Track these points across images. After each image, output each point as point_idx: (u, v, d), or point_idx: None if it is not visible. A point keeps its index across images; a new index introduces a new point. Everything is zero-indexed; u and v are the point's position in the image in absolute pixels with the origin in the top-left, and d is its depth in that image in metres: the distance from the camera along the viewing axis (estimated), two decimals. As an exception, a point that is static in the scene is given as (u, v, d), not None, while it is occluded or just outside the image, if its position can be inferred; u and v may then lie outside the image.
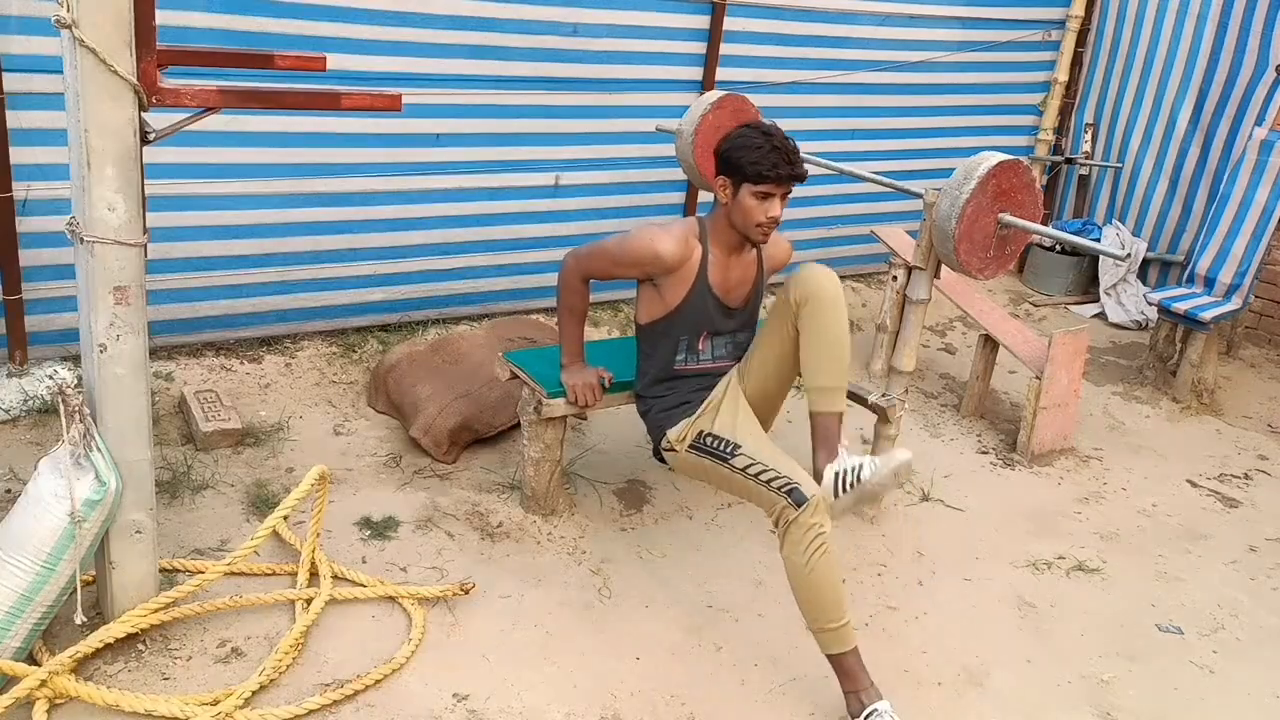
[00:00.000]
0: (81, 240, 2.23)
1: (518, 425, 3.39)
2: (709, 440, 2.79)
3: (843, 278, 5.49)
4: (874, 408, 3.34)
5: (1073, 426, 4.24)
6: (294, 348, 3.97)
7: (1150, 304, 4.92)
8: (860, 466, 2.58)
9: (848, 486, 2.58)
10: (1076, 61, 6.00)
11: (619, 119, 4.48)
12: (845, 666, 2.59)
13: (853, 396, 3.43)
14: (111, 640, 2.40)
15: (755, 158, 2.71)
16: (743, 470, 2.68)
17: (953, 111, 5.63)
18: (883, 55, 5.20)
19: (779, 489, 2.58)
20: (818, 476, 2.64)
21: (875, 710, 2.54)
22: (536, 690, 2.57)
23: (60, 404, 2.25)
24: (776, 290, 2.87)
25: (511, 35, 4.06)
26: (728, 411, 2.81)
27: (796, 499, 2.55)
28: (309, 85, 2.92)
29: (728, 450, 2.73)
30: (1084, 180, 6.13)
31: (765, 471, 2.63)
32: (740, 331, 3.01)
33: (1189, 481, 4.16)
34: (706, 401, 2.86)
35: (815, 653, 2.79)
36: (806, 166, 2.81)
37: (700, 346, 2.94)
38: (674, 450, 2.88)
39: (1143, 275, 5.97)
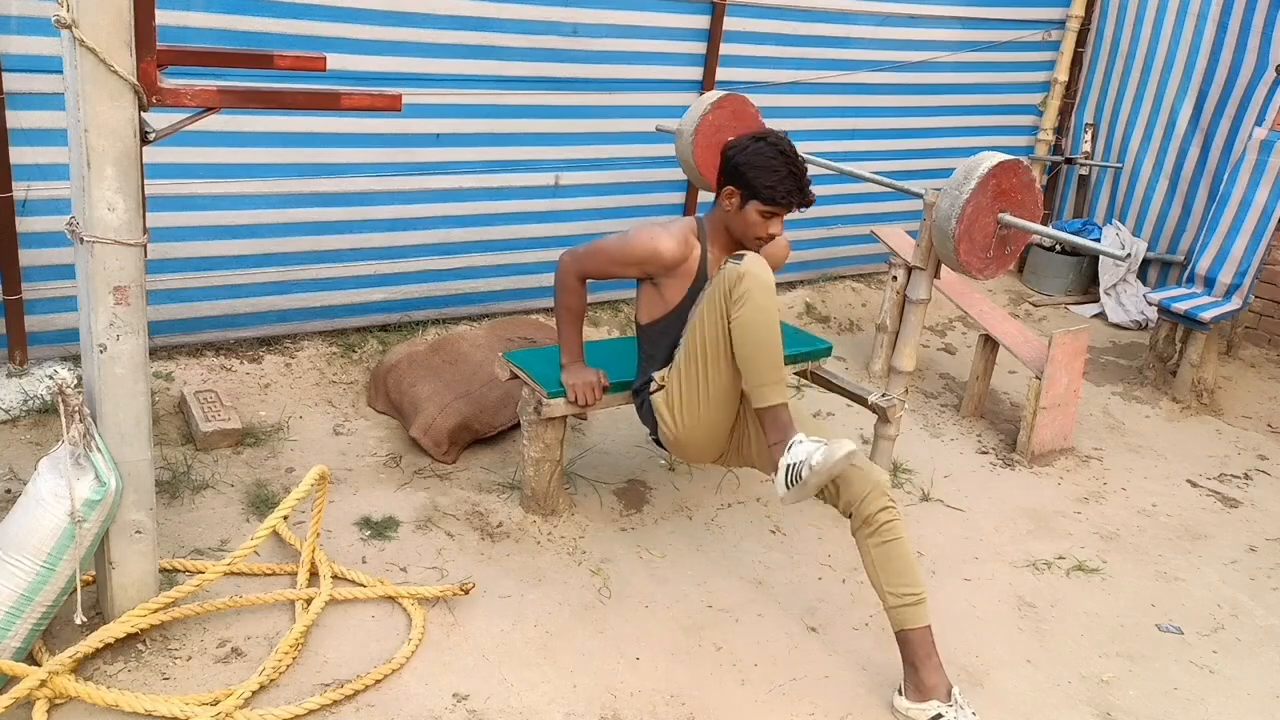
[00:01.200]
0: (81, 240, 2.23)
1: (518, 425, 3.39)
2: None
3: (843, 278, 5.59)
4: (874, 408, 3.34)
5: (1073, 426, 4.24)
6: (294, 348, 3.97)
7: (1150, 304, 4.92)
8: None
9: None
10: (1076, 61, 6.00)
11: (619, 119, 4.48)
12: (776, 419, 2.67)
13: (853, 396, 3.43)
14: (111, 640, 2.40)
15: (771, 181, 2.72)
16: (694, 309, 2.77)
17: (953, 111, 5.64)
18: (883, 55, 5.20)
19: (717, 270, 2.70)
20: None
21: (795, 441, 2.61)
22: (536, 690, 2.57)
23: (60, 404, 2.25)
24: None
25: (511, 35, 4.06)
26: None
27: (736, 258, 2.67)
28: (309, 85, 2.92)
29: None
30: (1084, 180, 6.13)
31: (705, 289, 2.75)
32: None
33: (1189, 481, 4.16)
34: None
35: (815, 653, 2.80)
36: (807, 166, 2.81)
37: None
38: (662, 388, 2.89)
39: (1143, 275, 5.97)
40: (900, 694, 2.64)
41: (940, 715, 2.57)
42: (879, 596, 2.66)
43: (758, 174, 2.73)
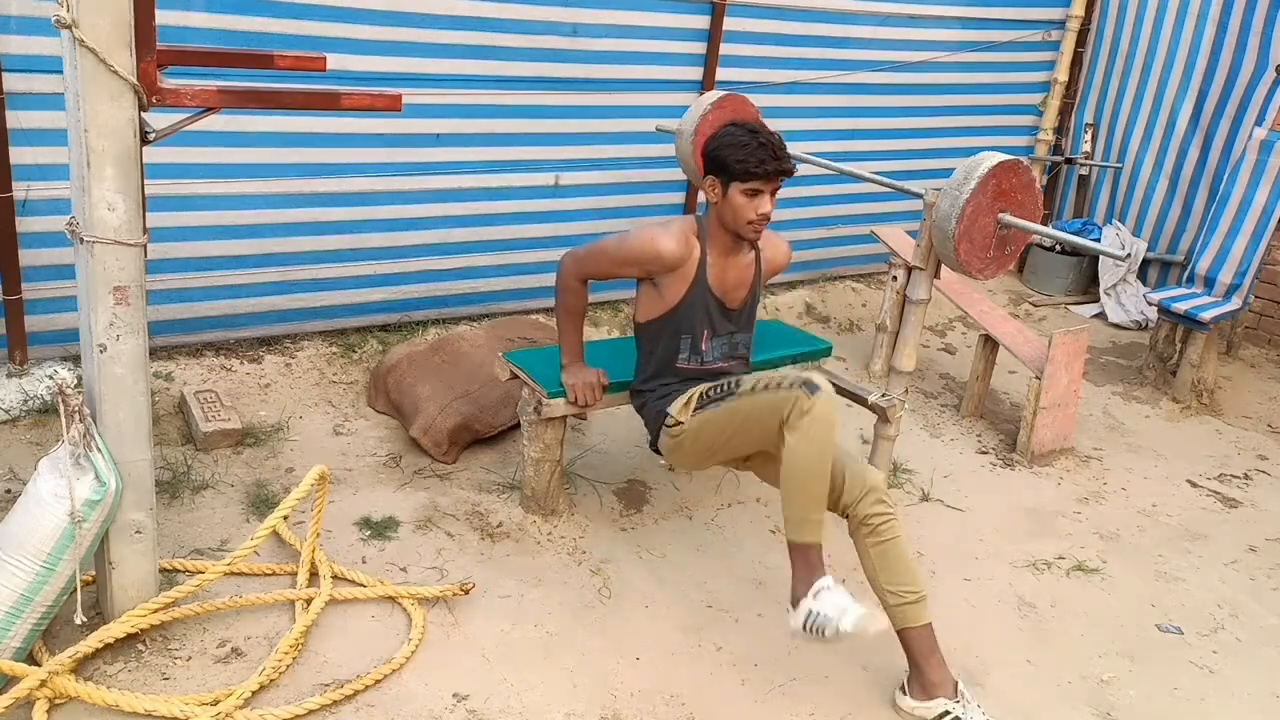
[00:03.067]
0: (81, 240, 2.23)
1: (518, 425, 3.40)
2: (712, 392, 2.80)
3: (842, 278, 5.59)
4: (874, 408, 3.34)
5: (1073, 426, 4.24)
6: (294, 348, 3.97)
7: (1150, 304, 4.92)
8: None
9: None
10: (1076, 61, 6.00)
11: (619, 119, 4.48)
12: (806, 557, 2.55)
13: (853, 396, 3.43)
14: (111, 640, 2.40)
15: (741, 155, 2.71)
16: (751, 390, 2.67)
17: (953, 111, 5.63)
18: (883, 55, 5.20)
19: (791, 385, 2.58)
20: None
21: (823, 586, 2.51)
22: (536, 690, 2.57)
23: (60, 404, 2.25)
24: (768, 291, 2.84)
25: (511, 35, 4.06)
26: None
27: (810, 388, 2.54)
28: (309, 85, 2.92)
29: (732, 384, 2.75)
30: (1084, 180, 6.13)
31: (773, 379, 2.63)
32: (738, 333, 3.01)
33: (1189, 481, 4.16)
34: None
35: (815, 653, 2.80)
36: (804, 166, 2.81)
37: (704, 347, 2.94)
38: (680, 424, 2.85)
39: (1143, 275, 5.97)
40: (904, 693, 2.64)
41: (948, 712, 2.57)
42: (878, 597, 2.65)
43: (728, 152, 2.73)
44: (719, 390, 2.78)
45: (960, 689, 2.61)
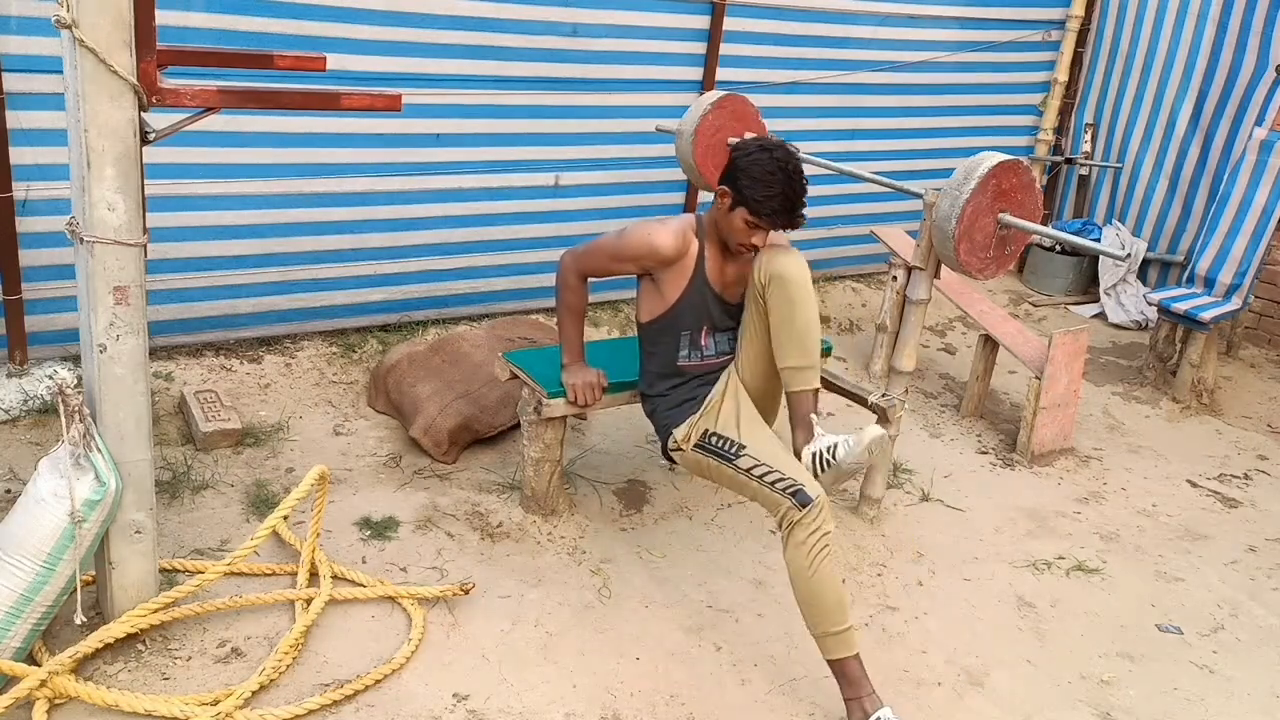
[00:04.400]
0: (81, 240, 2.23)
1: (518, 425, 3.39)
2: (714, 440, 2.79)
3: (842, 278, 5.59)
4: (874, 408, 3.34)
5: (1072, 426, 4.24)
6: (294, 348, 3.97)
7: (1150, 304, 4.92)
8: (835, 446, 2.64)
9: (824, 465, 2.63)
10: (1076, 61, 6.00)
11: (619, 119, 4.48)
12: (848, 673, 2.59)
13: (853, 396, 3.43)
14: (111, 640, 2.40)
15: (762, 195, 2.70)
16: (747, 471, 2.68)
17: (953, 111, 5.63)
18: (883, 55, 5.20)
19: (783, 490, 2.59)
20: (797, 454, 2.69)
21: (882, 718, 2.54)
22: (536, 690, 2.57)
23: (60, 404, 2.25)
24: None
25: (511, 35, 4.06)
26: (729, 409, 2.81)
27: (801, 500, 2.56)
28: (309, 85, 2.92)
29: (732, 451, 2.74)
30: (1084, 180, 6.13)
31: (769, 473, 2.63)
32: (739, 328, 3.01)
33: (1189, 481, 4.16)
34: (708, 399, 2.87)
35: (815, 653, 2.79)
36: (804, 166, 2.81)
37: (704, 343, 2.95)
38: (681, 450, 2.89)
39: (1143, 275, 5.97)
40: None
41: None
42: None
43: (753, 185, 2.71)
44: (720, 443, 2.78)
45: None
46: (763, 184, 2.70)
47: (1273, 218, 4.67)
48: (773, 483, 2.62)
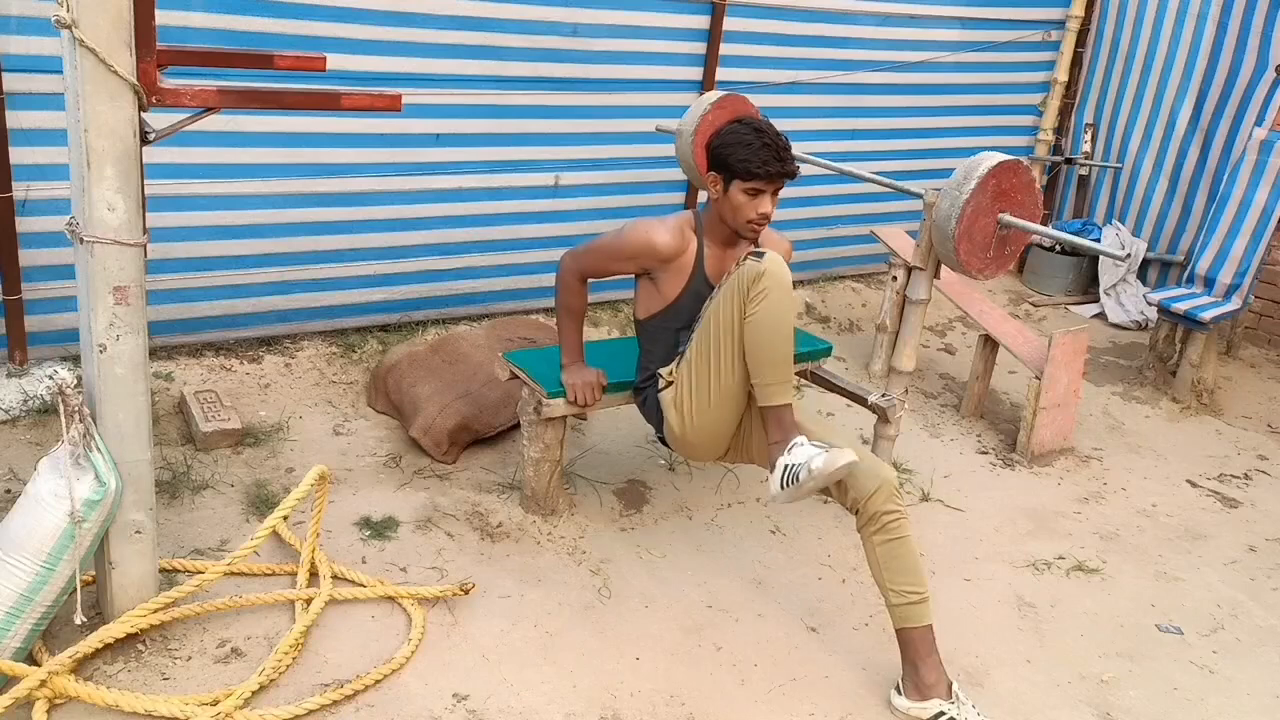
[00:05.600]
0: (81, 240, 2.23)
1: (518, 425, 3.39)
2: (684, 337, 2.88)
3: (842, 278, 5.59)
4: (874, 408, 3.34)
5: (1072, 426, 4.24)
6: (294, 348, 3.97)
7: (1150, 304, 4.92)
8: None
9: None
10: (1076, 61, 6.00)
11: (619, 119, 4.47)
12: (780, 419, 2.68)
13: (853, 396, 3.43)
14: (111, 640, 2.40)
15: (745, 155, 2.71)
16: (710, 303, 2.75)
17: (953, 111, 5.63)
18: (883, 55, 5.20)
19: (738, 267, 2.67)
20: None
21: (797, 443, 2.62)
22: (536, 690, 2.57)
23: (60, 404, 2.25)
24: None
25: (511, 35, 4.06)
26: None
27: (756, 256, 2.65)
28: (309, 85, 2.92)
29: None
30: (1084, 180, 6.13)
31: (723, 281, 2.72)
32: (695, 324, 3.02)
33: (1189, 481, 4.16)
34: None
35: (815, 653, 2.80)
36: (804, 166, 2.81)
37: None
38: (671, 383, 2.89)
39: (1143, 275, 5.97)
40: (899, 693, 2.64)
41: (943, 713, 2.57)
42: (882, 593, 2.66)
43: (732, 151, 2.73)
44: (691, 331, 2.85)
45: (955, 690, 2.61)
46: (743, 146, 2.72)
47: (1273, 218, 4.67)
48: (729, 278, 2.69)
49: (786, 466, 2.61)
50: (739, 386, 2.78)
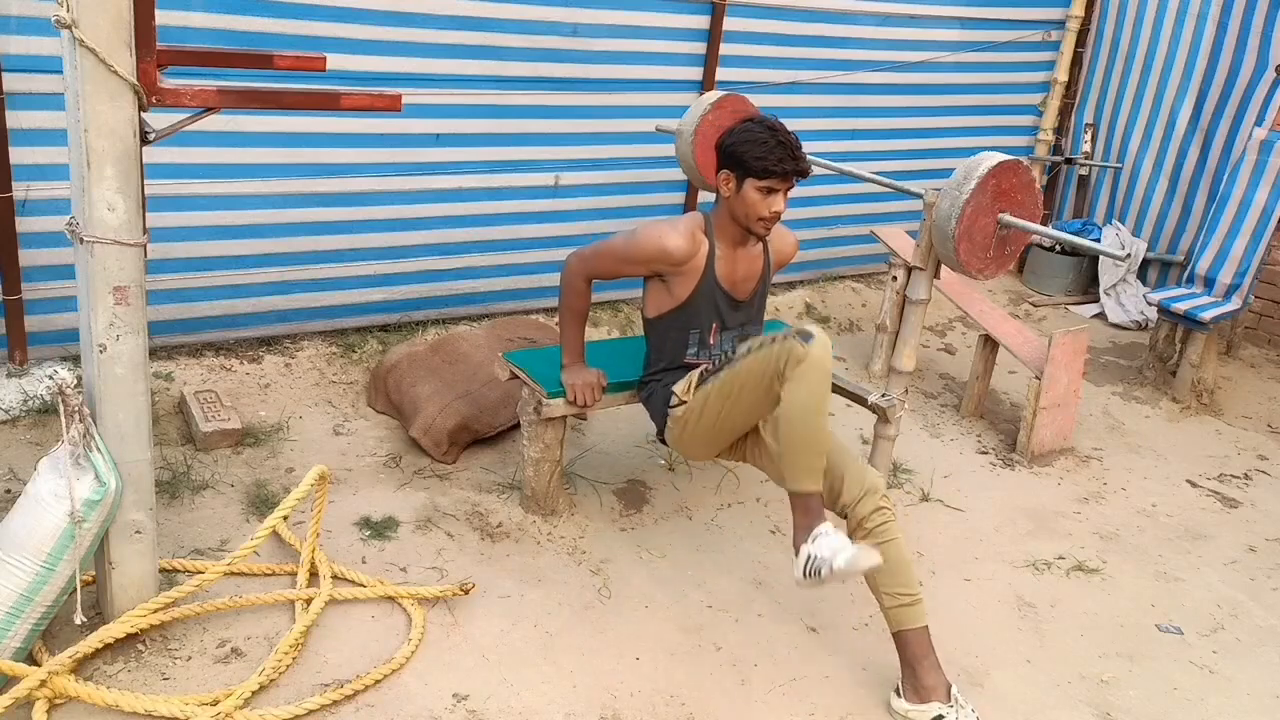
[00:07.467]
0: (81, 240, 2.23)
1: (518, 425, 3.39)
2: (712, 366, 2.85)
3: (842, 278, 5.59)
4: (874, 408, 3.34)
5: (1072, 426, 4.24)
6: (294, 348, 3.97)
7: (1150, 304, 4.92)
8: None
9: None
10: (1076, 61, 6.00)
11: (619, 119, 4.47)
12: (807, 506, 2.59)
13: (853, 396, 3.43)
14: (111, 640, 2.40)
15: (760, 153, 2.72)
16: (747, 353, 2.68)
17: (953, 111, 5.63)
18: (883, 55, 5.20)
19: (785, 337, 2.59)
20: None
21: (821, 532, 2.55)
22: (536, 690, 2.57)
23: (60, 404, 2.25)
24: (777, 290, 2.87)
25: (511, 35, 4.06)
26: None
27: (804, 337, 2.56)
28: (309, 85, 2.92)
29: (732, 354, 2.78)
30: (1084, 180, 6.13)
31: (768, 337, 2.64)
32: (748, 325, 3.03)
33: (1189, 481, 4.16)
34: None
35: (815, 653, 2.80)
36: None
37: (711, 341, 2.96)
38: (684, 403, 2.87)
39: (1143, 275, 5.97)
40: (898, 695, 2.64)
41: (942, 716, 2.57)
42: (875, 598, 2.66)
43: (747, 149, 2.74)
44: (720, 363, 2.82)
45: (954, 693, 2.61)
46: (758, 144, 2.73)
47: (1273, 218, 4.67)
48: (773, 341, 2.61)
49: (810, 557, 2.54)
50: (745, 424, 2.83)
